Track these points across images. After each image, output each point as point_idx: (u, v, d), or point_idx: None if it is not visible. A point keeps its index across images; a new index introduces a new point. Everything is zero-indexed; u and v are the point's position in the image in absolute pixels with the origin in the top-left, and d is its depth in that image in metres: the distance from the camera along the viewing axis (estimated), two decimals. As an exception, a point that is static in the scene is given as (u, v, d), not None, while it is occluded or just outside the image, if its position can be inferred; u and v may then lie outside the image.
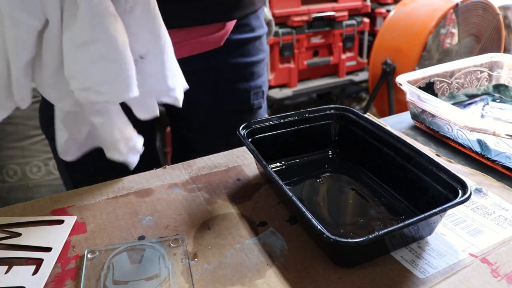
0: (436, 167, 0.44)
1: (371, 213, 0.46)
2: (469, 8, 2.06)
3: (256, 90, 0.69)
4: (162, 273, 0.38)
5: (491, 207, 0.46)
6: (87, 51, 0.40)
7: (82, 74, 0.41)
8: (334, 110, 0.56)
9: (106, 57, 0.41)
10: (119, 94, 0.43)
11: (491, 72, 0.73)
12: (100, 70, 0.41)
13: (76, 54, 0.41)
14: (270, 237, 0.42)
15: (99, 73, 0.41)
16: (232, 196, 0.49)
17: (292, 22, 2.27)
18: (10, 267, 0.38)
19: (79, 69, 0.41)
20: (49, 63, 0.43)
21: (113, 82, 0.42)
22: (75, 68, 0.41)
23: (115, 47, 0.41)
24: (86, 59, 0.41)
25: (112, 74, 0.42)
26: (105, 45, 0.40)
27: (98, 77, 0.42)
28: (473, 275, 0.37)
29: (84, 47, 0.40)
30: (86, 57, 0.41)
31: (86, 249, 0.40)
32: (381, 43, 2.24)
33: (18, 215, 0.45)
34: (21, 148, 1.38)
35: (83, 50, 0.40)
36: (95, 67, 0.41)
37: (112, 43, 0.41)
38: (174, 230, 0.43)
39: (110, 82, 0.42)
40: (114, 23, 0.41)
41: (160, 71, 0.47)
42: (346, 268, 0.38)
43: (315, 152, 0.56)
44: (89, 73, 0.41)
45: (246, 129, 0.51)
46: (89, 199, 0.48)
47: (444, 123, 0.59)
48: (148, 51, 0.45)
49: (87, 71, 0.41)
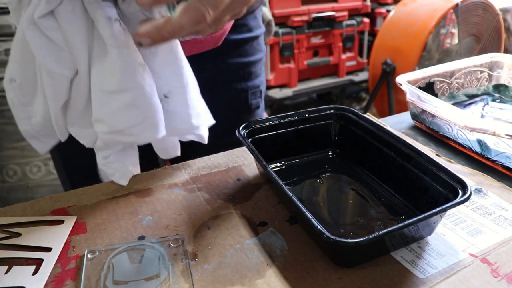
0: (436, 167, 0.44)
1: (371, 213, 0.46)
2: (469, 8, 2.06)
3: (254, 90, 0.69)
4: (162, 273, 0.38)
5: (491, 207, 0.46)
6: (116, 99, 0.43)
7: (112, 119, 0.44)
8: (334, 110, 0.56)
9: (135, 105, 0.44)
10: (147, 136, 0.47)
11: (491, 72, 0.73)
12: (129, 116, 0.44)
13: (105, 101, 0.44)
14: (270, 237, 0.42)
15: (128, 118, 0.44)
16: (232, 196, 0.49)
17: (292, 22, 2.27)
18: (10, 267, 0.38)
19: (108, 114, 0.44)
20: (76, 105, 0.46)
21: (141, 126, 0.45)
22: (104, 113, 0.44)
23: (143, 95, 0.44)
24: (115, 106, 0.43)
25: (141, 119, 0.45)
26: (134, 94, 0.43)
27: (127, 122, 0.44)
28: (473, 275, 0.37)
29: (114, 95, 0.43)
30: (116, 104, 0.43)
31: (86, 249, 0.40)
32: (381, 43, 2.24)
33: (18, 215, 0.45)
34: (21, 148, 1.38)
35: (113, 97, 0.43)
36: (124, 113, 0.44)
37: (140, 92, 0.44)
38: (174, 230, 0.43)
39: (138, 125, 0.45)
40: (142, 72, 0.43)
41: (184, 109, 0.49)
42: (346, 268, 0.38)
43: (315, 152, 0.56)
44: (118, 118, 0.44)
45: (246, 129, 0.51)
46: (89, 199, 0.48)
47: (444, 123, 0.59)
48: (171, 90, 0.47)
49: (116, 116, 0.44)
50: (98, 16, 0.41)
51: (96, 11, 0.41)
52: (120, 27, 0.41)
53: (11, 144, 1.36)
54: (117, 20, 0.41)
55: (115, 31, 0.41)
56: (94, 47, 0.43)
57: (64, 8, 0.40)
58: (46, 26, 0.40)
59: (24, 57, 0.45)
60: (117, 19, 0.41)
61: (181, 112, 0.49)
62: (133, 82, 0.43)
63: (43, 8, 0.39)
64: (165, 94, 0.47)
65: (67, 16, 0.41)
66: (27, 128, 0.50)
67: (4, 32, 1.32)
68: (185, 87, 0.48)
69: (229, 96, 0.67)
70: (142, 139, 0.47)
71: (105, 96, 0.43)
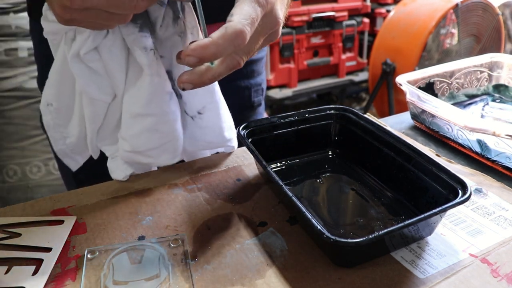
0: (436, 167, 0.44)
1: (371, 213, 0.46)
2: (469, 8, 2.06)
3: (256, 88, 0.70)
4: (162, 273, 0.38)
5: (491, 207, 0.46)
6: (140, 122, 0.47)
7: (134, 140, 0.48)
8: (334, 110, 0.56)
9: (156, 129, 0.47)
10: (164, 159, 0.50)
11: (491, 72, 0.73)
12: (150, 139, 0.48)
13: (131, 123, 0.47)
14: (270, 237, 0.42)
15: (148, 141, 0.48)
16: (232, 196, 0.49)
17: (292, 22, 2.27)
18: (10, 267, 0.38)
19: (132, 135, 0.47)
20: (109, 125, 0.50)
21: (160, 149, 0.49)
22: (128, 133, 0.48)
23: (165, 121, 0.47)
24: (138, 128, 0.47)
25: (160, 143, 0.48)
26: (157, 119, 0.47)
27: (147, 144, 0.48)
28: (473, 275, 0.37)
29: (138, 118, 0.47)
30: (139, 126, 0.47)
31: (86, 249, 0.40)
32: (381, 43, 2.24)
33: (18, 215, 0.45)
34: (21, 148, 1.38)
35: (137, 120, 0.47)
36: (146, 135, 0.47)
37: (163, 118, 0.47)
38: (174, 230, 0.43)
39: (157, 149, 0.49)
40: (168, 100, 0.47)
41: (217, 124, 0.52)
42: (346, 268, 0.38)
43: (315, 152, 0.56)
44: (140, 140, 0.48)
45: (246, 129, 0.51)
46: (89, 199, 0.48)
47: (444, 123, 0.59)
48: (205, 106, 0.50)
49: (138, 138, 0.47)
50: (135, 46, 0.44)
51: (133, 42, 0.44)
52: (154, 56, 0.44)
53: (11, 144, 1.36)
54: (152, 50, 0.44)
55: (149, 60, 0.44)
56: (129, 73, 0.46)
57: (106, 42, 0.44)
58: (89, 59, 0.44)
59: (61, 83, 0.49)
60: (152, 49, 0.44)
61: (214, 127, 0.52)
62: (157, 108, 0.46)
63: (89, 45, 0.43)
64: (199, 111, 0.50)
65: (108, 49, 0.44)
66: (62, 148, 0.54)
67: (4, 32, 1.32)
68: (218, 102, 0.51)
69: (233, 94, 0.67)
70: (159, 162, 0.51)
71: (131, 118, 0.47)
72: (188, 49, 0.35)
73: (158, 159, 0.50)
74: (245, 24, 0.36)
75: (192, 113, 0.50)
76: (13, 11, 1.33)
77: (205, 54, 0.35)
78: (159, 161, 0.51)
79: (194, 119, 0.51)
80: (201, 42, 0.35)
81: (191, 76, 0.38)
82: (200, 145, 0.53)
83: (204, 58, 0.35)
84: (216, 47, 0.35)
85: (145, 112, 0.46)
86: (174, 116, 0.48)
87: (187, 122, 0.51)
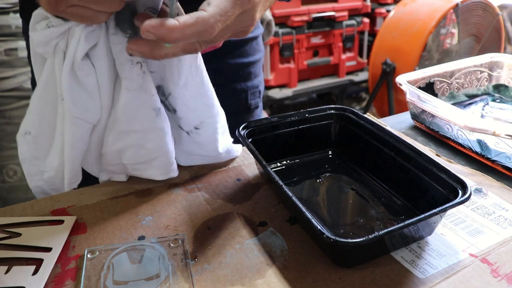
0: (436, 167, 0.44)
1: (371, 213, 0.46)
2: (469, 8, 2.06)
3: (253, 90, 0.69)
4: (162, 273, 0.38)
5: (491, 207, 0.46)
6: (124, 139, 0.46)
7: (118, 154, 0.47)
8: (334, 110, 0.56)
9: (141, 145, 0.46)
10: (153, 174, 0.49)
11: (491, 72, 0.73)
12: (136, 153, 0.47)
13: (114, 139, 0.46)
14: (270, 237, 0.42)
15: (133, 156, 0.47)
16: (232, 196, 0.49)
17: (292, 22, 2.27)
18: (10, 267, 0.38)
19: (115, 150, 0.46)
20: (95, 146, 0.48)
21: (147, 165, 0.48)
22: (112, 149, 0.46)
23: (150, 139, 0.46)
24: (122, 144, 0.46)
25: (147, 158, 0.47)
26: (141, 136, 0.46)
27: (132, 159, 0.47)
28: (473, 275, 0.37)
29: (122, 135, 0.45)
30: (123, 143, 0.46)
31: (86, 249, 0.40)
32: (381, 43, 2.24)
33: (18, 215, 0.45)
34: (21, 148, 1.37)
35: (121, 136, 0.45)
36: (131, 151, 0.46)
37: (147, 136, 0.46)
38: (174, 230, 0.43)
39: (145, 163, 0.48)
40: (154, 117, 0.45)
41: (213, 138, 0.51)
42: (346, 268, 0.38)
43: (315, 152, 0.56)
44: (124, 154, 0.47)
45: (246, 129, 0.51)
46: (89, 199, 0.48)
47: (444, 123, 0.59)
48: (203, 121, 0.49)
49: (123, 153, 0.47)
50: (121, 57, 0.42)
51: (120, 52, 0.42)
52: (141, 70, 0.42)
53: (11, 144, 1.36)
54: (138, 63, 0.42)
55: (132, 74, 0.42)
56: (116, 88, 0.44)
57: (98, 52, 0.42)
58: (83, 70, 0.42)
59: (42, 109, 0.45)
60: (139, 62, 0.42)
61: (211, 141, 0.51)
62: (140, 125, 0.45)
63: (83, 47, 0.40)
64: (196, 126, 0.49)
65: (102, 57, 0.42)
66: (38, 184, 0.49)
67: (4, 32, 1.32)
68: (215, 116, 0.50)
69: (229, 97, 0.67)
70: (147, 175, 0.49)
71: (114, 135, 0.45)
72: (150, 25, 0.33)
73: (145, 173, 0.49)
74: (218, 20, 0.34)
75: (188, 128, 0.49)
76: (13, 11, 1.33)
77: (166, 37, 0.33)
78: (146, 174, 0.49)
79: (190, 134, 0.49)
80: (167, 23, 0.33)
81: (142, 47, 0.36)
82: (195, 159, 0.53)
83: (164, 40, 0.34)
84: (181, 34, 0.33)
85: (127, 129, 0.45)
86: (161, 133, 0.46)
87: (182, 137, 0.50)
